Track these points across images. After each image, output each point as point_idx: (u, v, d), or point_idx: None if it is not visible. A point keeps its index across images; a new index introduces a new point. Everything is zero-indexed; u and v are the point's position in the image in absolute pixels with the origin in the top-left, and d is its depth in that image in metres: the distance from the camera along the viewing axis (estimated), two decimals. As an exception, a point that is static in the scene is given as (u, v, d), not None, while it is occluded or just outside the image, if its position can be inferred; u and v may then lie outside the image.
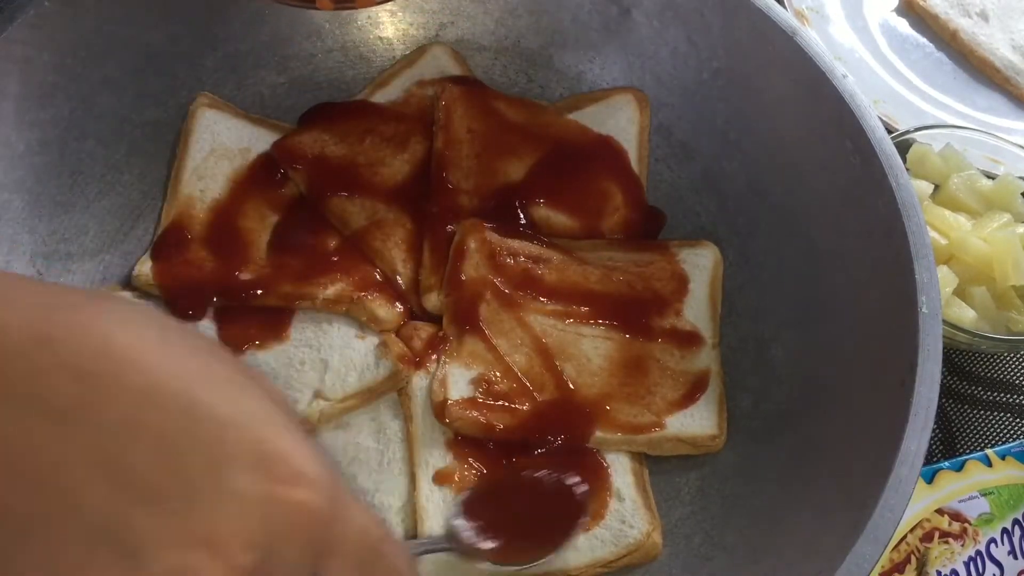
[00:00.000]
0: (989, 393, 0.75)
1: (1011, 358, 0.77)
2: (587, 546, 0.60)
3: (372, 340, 0.65)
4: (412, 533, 0.60)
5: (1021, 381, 0.76)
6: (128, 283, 0.67)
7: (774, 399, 0.64)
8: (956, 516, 0.65)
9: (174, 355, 0.34)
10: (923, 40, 0.95)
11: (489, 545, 0.54)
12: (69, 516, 0.31)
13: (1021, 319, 0.72)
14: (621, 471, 0.63)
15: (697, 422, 0.64)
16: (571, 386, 0.64)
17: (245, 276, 0.66)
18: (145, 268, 0.66)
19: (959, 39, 0.94)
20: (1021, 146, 0.80)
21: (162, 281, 0.66)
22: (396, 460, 0.62)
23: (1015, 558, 0.64)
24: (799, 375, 0.64)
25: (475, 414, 0.62)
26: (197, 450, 0.33)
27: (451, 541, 0.55)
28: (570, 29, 0.76)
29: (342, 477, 0.36)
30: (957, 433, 0.73)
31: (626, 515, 0.61)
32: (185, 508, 0.32)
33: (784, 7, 0.79)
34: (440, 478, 0.61)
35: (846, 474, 0.55)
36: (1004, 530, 0.64)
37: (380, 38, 0.78)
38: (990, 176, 0.78)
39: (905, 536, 0.64)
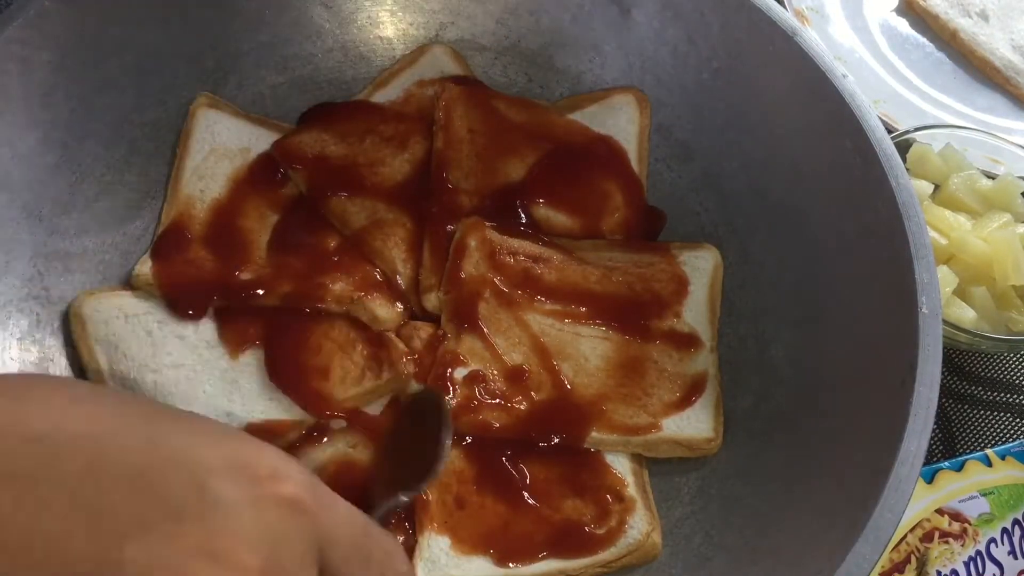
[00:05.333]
0: (989, 393, 0.75)
1: (1011, 358, 0.77)
2: (587, 546, 0.60)
3: (372, 340, 0.65)
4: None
5: (1021, 381, 0.76)
6: (128, 283, 0.67)
7: (774, 399, 0.64)
8: (956, 516, 0.65)
9: (111, 405, 0.34)
10: (923, 40, 0.95)
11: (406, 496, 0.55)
12: (59, 571, 0.30)
13: (1021, 319, 0.72)
14: (621, 471, 0.63)
15: (693, 425, 0.64)
16: (568, 386, 0.64)
17: (245, 276, 0.66)
18: (145, 268, 0.66)
19: (959, 39, 0.94)
20: (1021, 146, 0.80)
21: (162, 281, 0.66)
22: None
23: (1015, 558, 0.64)
24: (799, 375, 0.64)
25: (472, 412, 0.62)
26: (169, 475, 0.32)
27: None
28: (570, 29, 0.76)
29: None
30: (957, 433, 0.73)
31: (626, 515, 0.61)
32: (176, 529, 0.31)
33: (784, 7, 0.79)
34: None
35: (846, 474, 0.55)
36: (1004, 530, 0.64)
37: (380, 38, 0.78)
38: (990, 176, 0.78)
39: (905, 536, 0.64)
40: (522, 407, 0.63)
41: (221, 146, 0.71)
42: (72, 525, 0.31)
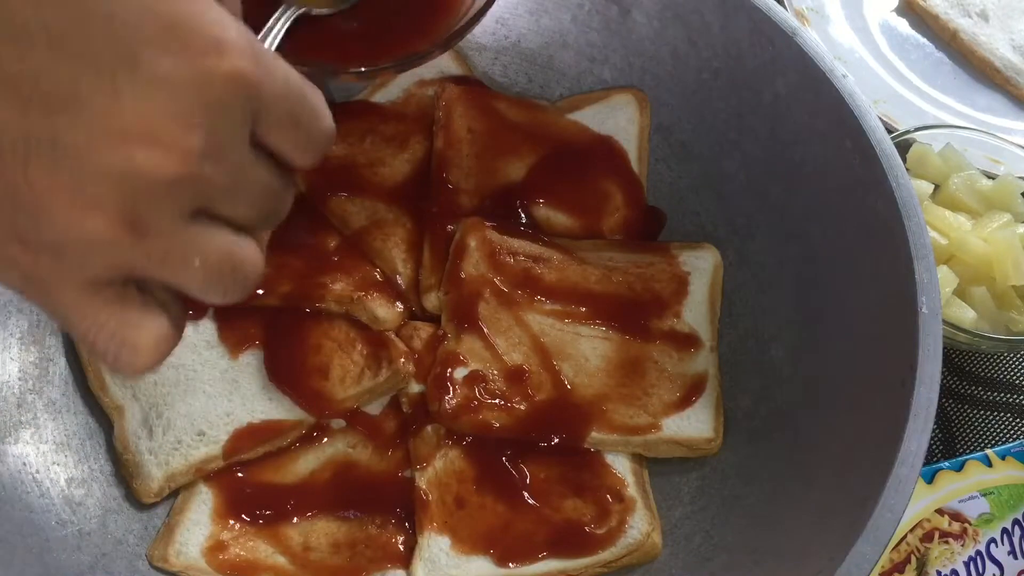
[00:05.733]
0: (989, 393, 0.75)
1: (1011, 358, 0.77)
2: (587, 546, 0.60)
3: (372, 340, 0.65)
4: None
5: (1021, 381, 0.76)
6: (128, 283, 0.67)
7: (774, 399, 0.64)
8: (956, 516, 0.65)
9: None
10: (923, 40, 0.95)
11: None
12: None
13: (1021, 319, 0.72)
14: (621, 471, 0.63)
15: (693, 425, 0.64)
16: (568, 386, 0.64)
17: (245, 276, 0.66)
18: (145, 268, 0.66)
19: (959, 39, 0.94)
20: (1021, 146, 0.80)
21: (162, 281, 0.66)
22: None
23: (1015, 558, 0.64)
24: (799, 375, 0.64)
25: (472, 412, 0.62)
26: (100, 45, 0.30)
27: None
28: (570, 29, 0.76)
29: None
30: (957, 433, 0.73)
31: (626, 515, 0.61)
32: (110, 106, 0.29)
33: (784, 7, 0.79)
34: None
35: (846, 474, 0.55)
36: (1004, 530, 0.64)
37: (380, 38, 0.78)
38: (990, 176, 0.78)
39: (905, 536, 0.64)
40: (522, 407, 0.63)
41: (221, 146, 0.71)
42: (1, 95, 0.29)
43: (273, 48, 0.51)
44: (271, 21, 0.52)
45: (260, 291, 0.66)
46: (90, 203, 0.30)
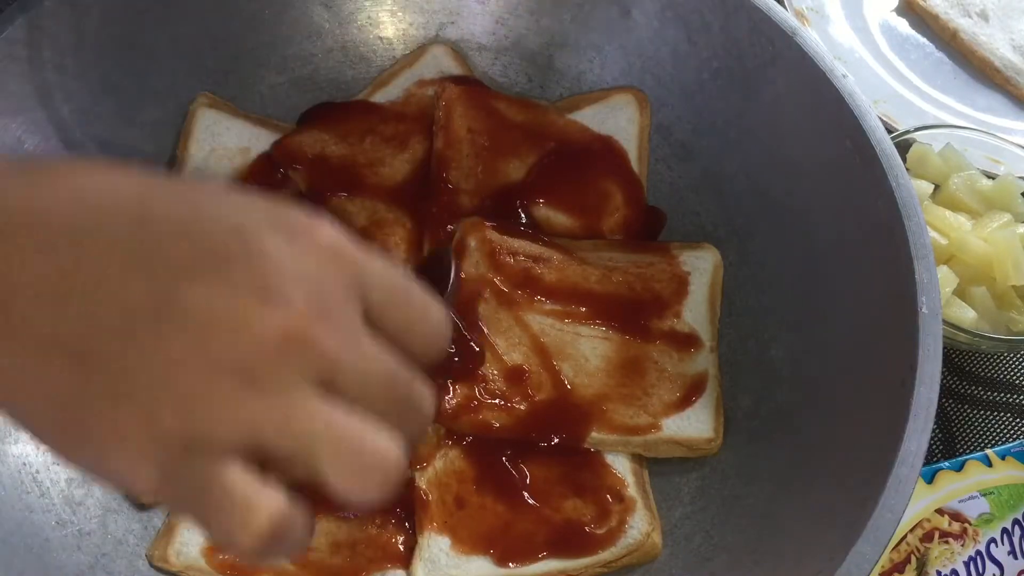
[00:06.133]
0: (989, 393, 0.75)
1: (1011, 358, 0.77)
2: (587, 546, 0.60)
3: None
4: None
5: (1021, 381, 0.76)
6: (128, 283, 0.67)
7: (774, 399, 0.64)
8: (956, 516, 0.65)
9: (144, 174, 0.35)
10: (923, 40, 0.95)
11: None
12: (116, 306, 0.32)
13: (1021, 319, 0.72)
14: (621, 471, 0.63)
15: (693, 425, 0.64)
16: (568, 386, 0.64)
17: (245, 276, 0.66)
18: (145, 268, 0.66)
19: (959, 39, 0.94)
20: (1021, 146, 0.80)
21: (162, 281, 0.66)
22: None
23: (1015, 558, 0.64)
24: (799, 375, 0.64)
25: (472, 412, 0.62)
26: (213, 228, 0.33)
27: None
28: (570, 29, 0.76)
29: None
30: (957, 433, 0.73)
31: (626, 515, 0.61)
32: (225, 272, 0.32)
33: (784, 7, 0.79)
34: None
35: (846, 474, 0.55)
36: (1004, 530, 0.64)
37: (380, 38, 0.78)
38: (990, 176, 0.78)
39: (905, 536, 0.64)
40: (522, 407, 0.63)
41: (221, 146, 0.71)
42: (128, 273, 0.32)
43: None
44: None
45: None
46: (213, 366, 0.32)
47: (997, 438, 0.73)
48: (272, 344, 0.32)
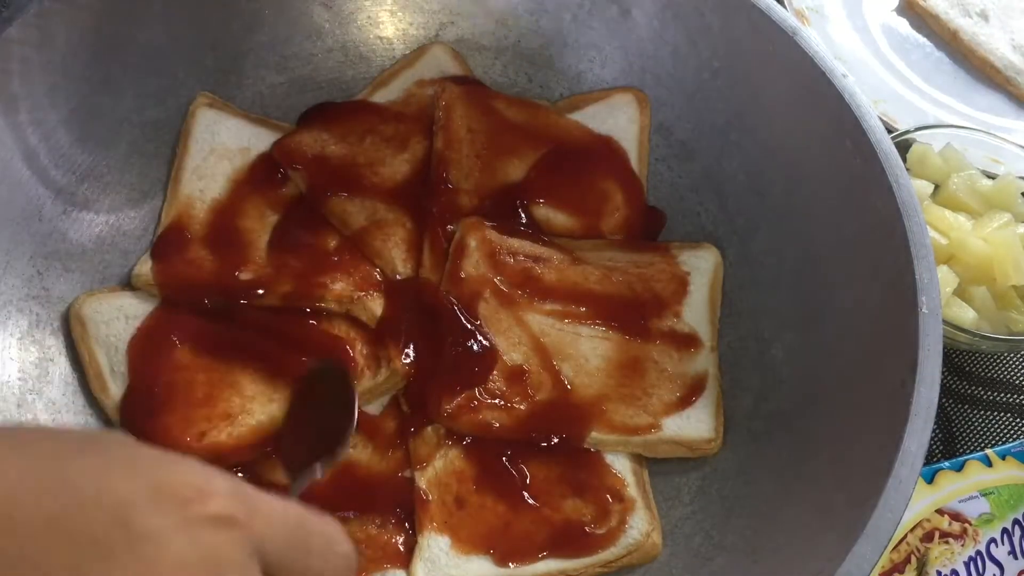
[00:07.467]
0: (989, 393, 0.75)
1: (1011, 358, 0.77)
2: (587, 546, 0.60)
3: (371, 340, 0.65)
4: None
5: (1021, 381, 0.76)
6: (127, 283, 0.67)
7: (774, 399, 0.64)
8: (956, 516, 0.64)
9: (9, 448, 0.33)
10: (923, 40, 0.95)
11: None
12: None
13: (1021, 319, 0.72)
14: (621, 471, 0.63)
15: (693, 425, 0.64)
16: (568, 386, 0.64)
17: (245, 276, 0.66)
18: (145, 268, 0.66)
19: (959, 39, 0.94)
20: (1021, 146, 0.80)
21: (162, 281, 0.66)
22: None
23: (1015, 558, 0.64)
24: (799, 375, 0.64)
25: (472, 412, 0.62)
26: (91, 515, 0.31)
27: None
28: (570, 29, 0.76)
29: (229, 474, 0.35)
30: (957, 433, 0.73)
31: (626, 515, 0.61)
32: (109, 569, 0.30)
33: (784, 7, 0.79)
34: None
35: (846, 474, 0.55)
36: (1004, 530, 0.64)
37: (380, 38, 0.78)
38: (990, 176, 0.78)
39: (905, 536, 0.64)
40: (522, 407, 0.63)
41: (221, 146, 0.71)
42: None
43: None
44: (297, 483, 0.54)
45: (260, 291, 0.66)
46: None
47: (997, 438, 0.73)
48: None
